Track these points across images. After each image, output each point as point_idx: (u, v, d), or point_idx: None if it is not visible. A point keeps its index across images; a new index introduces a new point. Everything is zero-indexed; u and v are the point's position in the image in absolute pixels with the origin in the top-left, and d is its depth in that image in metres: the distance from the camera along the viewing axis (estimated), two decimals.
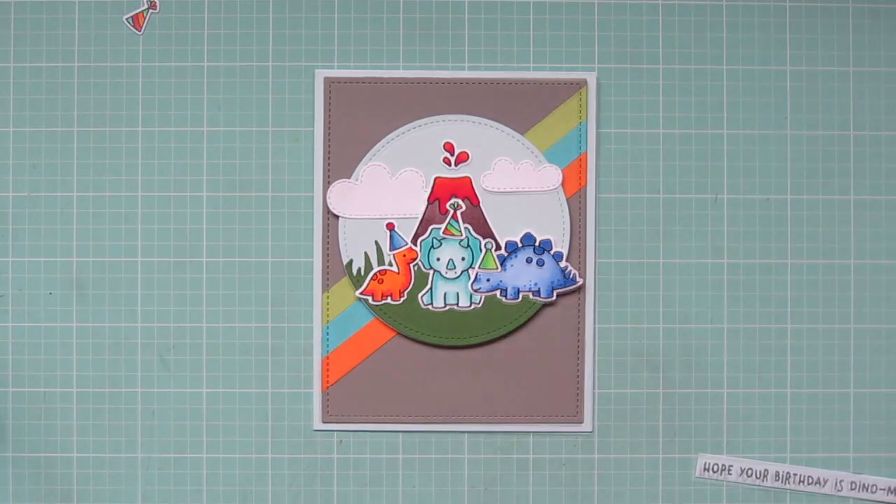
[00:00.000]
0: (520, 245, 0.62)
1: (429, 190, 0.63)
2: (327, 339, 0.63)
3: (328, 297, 0.63)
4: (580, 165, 0.63)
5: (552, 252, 0.62)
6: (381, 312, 0.63)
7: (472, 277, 0.62)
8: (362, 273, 0.63)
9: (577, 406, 0.63)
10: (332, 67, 0.63)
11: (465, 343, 0.62)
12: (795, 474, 0.63)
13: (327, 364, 0.63)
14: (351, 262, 0.63)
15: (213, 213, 0.63)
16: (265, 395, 0.63)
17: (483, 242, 0.62)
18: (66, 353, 0.63)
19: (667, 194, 0.63)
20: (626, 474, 0.63)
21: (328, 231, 0.63)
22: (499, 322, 0.62)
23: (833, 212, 0.64)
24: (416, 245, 0.63)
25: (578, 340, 0.63)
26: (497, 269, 0.62)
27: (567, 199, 0.63)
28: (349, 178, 0.63)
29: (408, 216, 0.63)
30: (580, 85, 0.63)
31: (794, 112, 0.64)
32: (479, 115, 0.63)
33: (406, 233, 0.63)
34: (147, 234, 0.63)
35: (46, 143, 0.63)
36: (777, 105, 0.64)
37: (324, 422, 0.63)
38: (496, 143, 0.63)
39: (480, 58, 0.63)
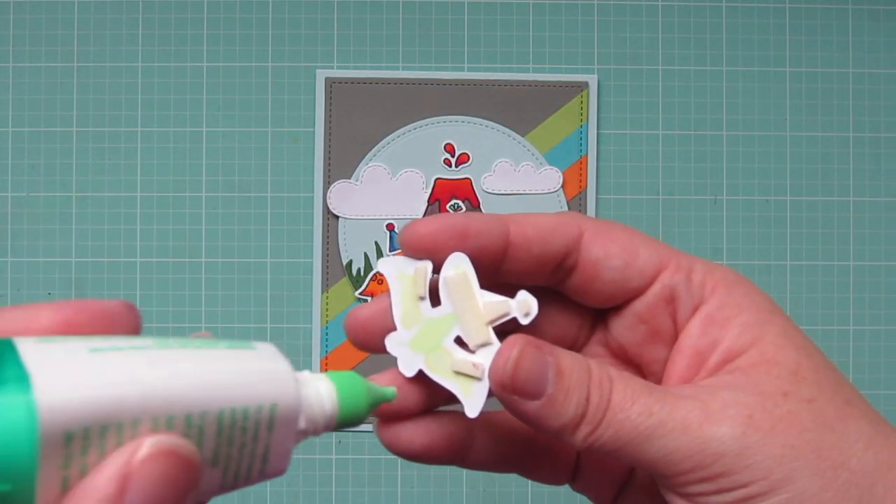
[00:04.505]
0: None
1: (429, 191, 0.63)
2: (326, 340, 0.63)
3: (328, 298, 0.63)
4: (581, 168, 0.63)
5: None
6: None
7: None
8: (362, 274, 0.63)
9: None
10: (331, 68, 0.63)
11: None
12: None
13: (326, 364, 0.63)
14: (351, 262, 0.63)
15: (212, 214, 0.63)
16: None
17: None
18: None
19: (666, 196, 0.63)
20: None
21: (328, 232, 0.63)
22: None
23: (832, 213, 0.64)
24: None
25: None
26: None
27: (567, 202, 0.63)
28: (349, 178, 0.63)
29: (408, 217, 0.63)
30: (581, 88, 0.62)
31: (793, 113, 0.64)
32: (480, 117, 0.63)
33: None
34: (146, 234, 0.63)
35: (45, 143, 0.63)
36: (777, 106, 0.64)
37: None
38: (497, 144, 0.63)
39: (480, 59, 0.63)
